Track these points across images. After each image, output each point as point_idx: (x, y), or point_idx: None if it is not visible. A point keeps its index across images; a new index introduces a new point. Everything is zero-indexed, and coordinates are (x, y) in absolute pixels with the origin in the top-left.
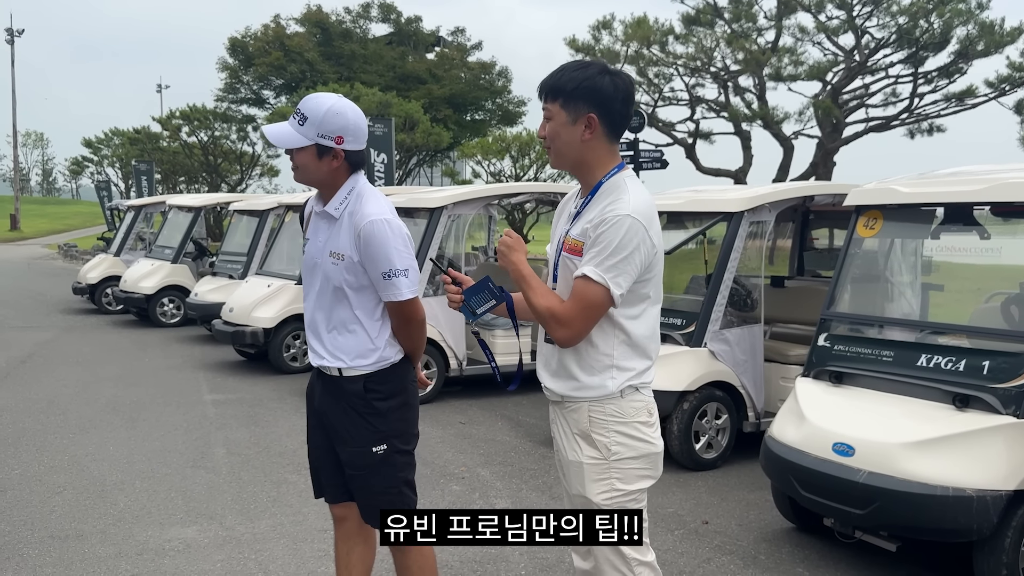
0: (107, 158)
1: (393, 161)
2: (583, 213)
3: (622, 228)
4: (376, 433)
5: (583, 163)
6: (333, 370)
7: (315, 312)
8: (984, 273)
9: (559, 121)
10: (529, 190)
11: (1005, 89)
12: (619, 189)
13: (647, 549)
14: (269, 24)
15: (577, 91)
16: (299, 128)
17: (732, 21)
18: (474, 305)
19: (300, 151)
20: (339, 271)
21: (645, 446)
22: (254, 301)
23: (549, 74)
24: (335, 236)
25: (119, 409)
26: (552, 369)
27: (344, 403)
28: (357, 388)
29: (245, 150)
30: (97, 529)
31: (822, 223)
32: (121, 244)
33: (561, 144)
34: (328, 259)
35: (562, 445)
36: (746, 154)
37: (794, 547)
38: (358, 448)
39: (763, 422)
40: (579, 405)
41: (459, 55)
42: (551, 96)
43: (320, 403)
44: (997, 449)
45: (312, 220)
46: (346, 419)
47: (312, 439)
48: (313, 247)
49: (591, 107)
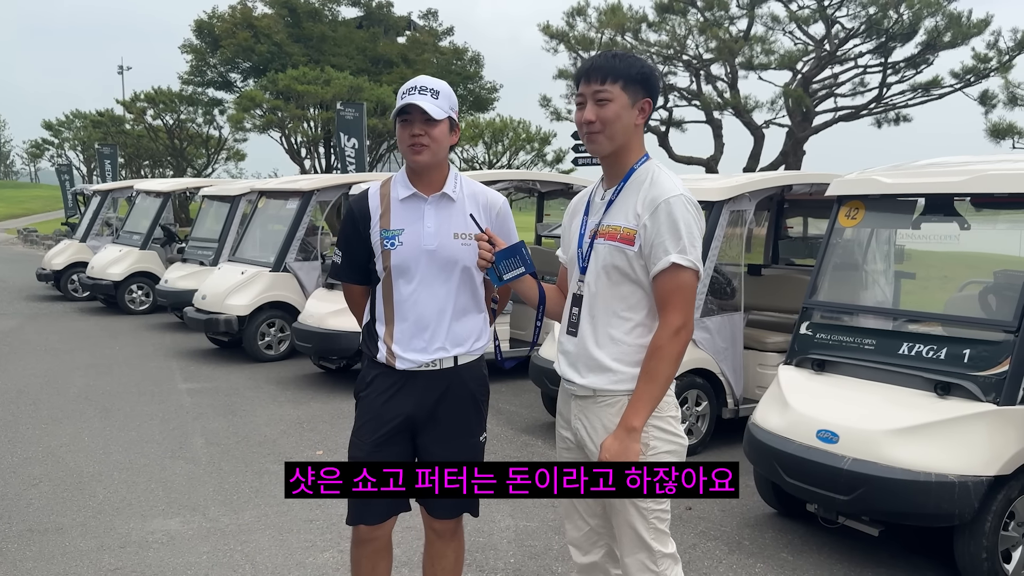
0: (68, 141)
1: (364, 146)
2: (617, 201)
3: (680, 208)
4: (482, 420)
5: (627, 148)
6: (448, 361)
7: (429, 303)
8: (963, 262)
9: (621, 103)
10: (506, 177)
11: (970, 80)
12: (654, 174)
13: (669, 540)
14: (236, 5)
15: (638, 76)
16: (435, 102)
17: (705, 9)
18: (502, 270)
19: (438, 125)
20: (470, 252)
21: (678, 439)
22: (228, 288)
23: (598, 58)
24: (458, 217)
25: (92, 399)
26: (583, 364)
27: (459, 393)
28: (478, 373)
29: (212, 134)
30: (77, 522)
31: (797, 211)
32: (87, 229)
33: (620, 127)
34: (454, 241)
35: (588, 442)
36: (717, 142)
37: (777, 532)
38: (466, 440)
39: (742, 409)
40: (616, 399)
41: (431, 39)
42: (611, 78)
43: (418, 405)
44: (978, 435)
45: (400, 207)
46: (459, 410)
47: (386, 454)
48: (421, 233)
49: (647, 92)
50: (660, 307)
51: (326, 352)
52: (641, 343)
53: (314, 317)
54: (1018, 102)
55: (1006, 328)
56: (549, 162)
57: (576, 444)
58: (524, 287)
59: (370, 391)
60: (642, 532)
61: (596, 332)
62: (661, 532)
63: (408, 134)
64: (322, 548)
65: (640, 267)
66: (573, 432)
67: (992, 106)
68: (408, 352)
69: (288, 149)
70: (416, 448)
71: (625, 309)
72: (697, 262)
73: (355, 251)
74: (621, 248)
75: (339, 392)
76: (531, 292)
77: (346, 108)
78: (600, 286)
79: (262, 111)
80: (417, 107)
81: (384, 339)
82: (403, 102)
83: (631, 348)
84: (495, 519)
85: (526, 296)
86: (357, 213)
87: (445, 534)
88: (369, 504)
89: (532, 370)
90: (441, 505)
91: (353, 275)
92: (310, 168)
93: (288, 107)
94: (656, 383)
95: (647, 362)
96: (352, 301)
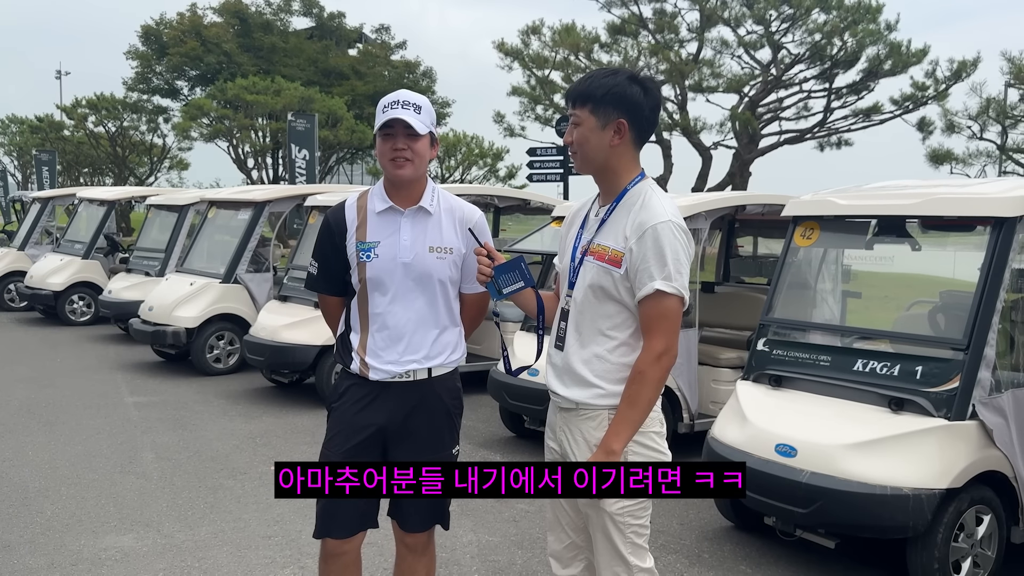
0: (3, 146)
1: (315, 157)
2: (609, 220)
3: (667, 234)
4: (455, 433)
5: (609, 168)
6: (422, 373)
7: (403, 315)
8: (903, 283)
9: (588, 126)
10: (463, 192)
11: (908, 107)
12: (646, 196)
13: (647, 555)
14: (185, 12)
15: (607, 97)
16: (418, 116)
17: (656, 32)
18: (502, 284)
19: (421, 139)
20: (445, 266)
21: (659, 456)
22: (176, 300)
23: (578, 81)
24: (434, 231)
25: (34, 412)
26: (568, 377)
27: (432, 405)
28: (451, 385)
29: (155, 142)
30: (25, 539)
31: (747, 231)
32: (26, 238)
33: (589, 149)
34: (430, 255)
35: (571, 452)
36: (666, 162)
37: (735, 545)
38: (438, 453)
39: (697, 423)
40: (597, 413)
41: (383, 52)
42: (580, 102)
43: (391, 417)
44: (931, 449)
45: (376, 220)
46: (432, 423)
47: (359, 462)
48: (397, 246)
49: (621, 113)
50: (644, 332)
51: (278, 366)
52: (625, 362)
53: (267, 330)
54: (955, 129)
55: (956, 346)
56: (501, 177)
57: (561, 454)
58: (524, 300)
59: (343, 401)
60: (619, 546)
61: (581, 348)
62: (639, 547)
63: (390, 148)
64: (282, 564)
65: (625, 289)
66: (559, 443)
67: (930, 132)
68: (382, 363)
69: (235, 159)
70: (388, 460)
71: (610, 328)
72: (682, 289)
73: (331, 263)
74: (608, 269)
75: (292, 406)
76: (531, 305)
77: (297, 119)
78: (586, 303)
79: (209, 120)
80: (401, 121)
81: (358, 350)
82: (386, 116)
83: (614, 366)
84: (457, 535)
85: (526, 308)
86: (334, 225)
87: (417, 548)
88: (336, 517)
89: (491, 384)
90: (412, 518)
91: (328, 286)
92: (257, 179)
93: (237, 116)
94: (637, 407)
95: (629, 386)
96: (327, 312)
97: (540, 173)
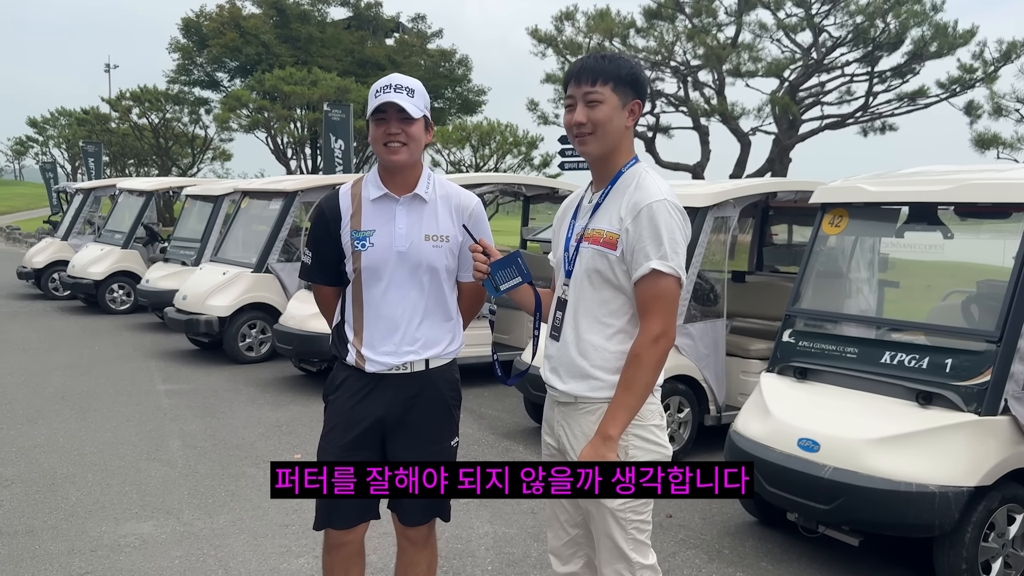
0: (53, 139)
1: (351, 147)
2: (604, 204)
3: (663, 213)
4: (454, 425)
5: (616, 150)
6: (419, 364)
7: (399, 305)
8: (946, 271)
9: (612, 105)
10: (492, 181)
11: (955, 90)
12: (641, 177)
13: (649, 551)
14: (224, 4)
15: (628, 77)
16: (411, 100)
17: (693, 16)
18: (499, 280)
19: (415, 123)
20: (441, 254)
21: (659, 449)
22: (209, 289)
23: (588, 59)
24: (429, 219)
25: (69, 399)
26: (565, 370)
27: (430, 397)
28: (450, 377)
29: (197, 133)
30: (48, 524)
31: (782, 219)
32: (69, 228)
33: (611, 128)
34: (425, 243)
35: (570, 449)
36: (704, 149)
37: (757, 541)
38: (437, 445)
39: (724, 416)
40: (596, 406)
41: (419, 42)
42: (601, 79)
43: (388, 409)
44: (959, 446)
45: (371, 208)
46: (430, 414)
47: (355, 459)
48: (392, 234)
49: (637, 94)
50: (640, 314)
51: (307, 354)
52: (622, 350)
53: (295, 319)
54: (1003, 113)
55: (988, 338)
56: (536, 166)
57: (559, 450)
58: (521, 296)
59: (339, 394)
60: (620, 542)
61: (578, 338)
62: (641, 543)
63: (384, 132)
64: (297, 554)
65: (622, 272)
66: (556, 438)
67: (977, 116)
68: (378, 355)
69: (274, 150)
70: (386, 453)
71: (607, 315)
72: (679, 269)
73: (325, 252)
74: (603, 252)
75: (319, 395)
76: (528, 301)
77: (333, 109)
78: (583, 291)
79: (248, 111)
80: (394, 105)
81: (353, 342)
82: (379, 100)
83: (612, 355)
84: (473, 525)
85: (523, 304)
86: (328, 213)
87: (418, 541)
88: (337, 508)
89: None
90: (411, 511)
91: (323, 276)
92: (296, 169)
93: (275, 107)
94: (633, 392)
95: (625, 370)
96: (322, 302)
97: (572, 161)
